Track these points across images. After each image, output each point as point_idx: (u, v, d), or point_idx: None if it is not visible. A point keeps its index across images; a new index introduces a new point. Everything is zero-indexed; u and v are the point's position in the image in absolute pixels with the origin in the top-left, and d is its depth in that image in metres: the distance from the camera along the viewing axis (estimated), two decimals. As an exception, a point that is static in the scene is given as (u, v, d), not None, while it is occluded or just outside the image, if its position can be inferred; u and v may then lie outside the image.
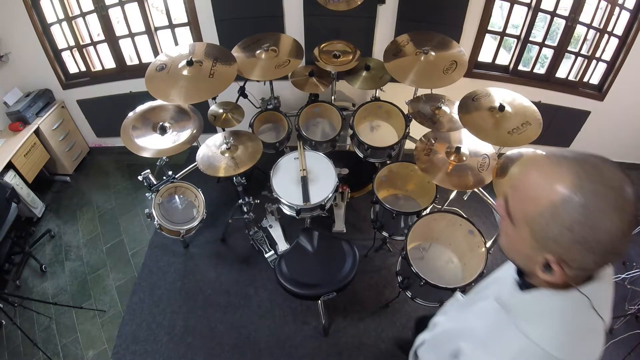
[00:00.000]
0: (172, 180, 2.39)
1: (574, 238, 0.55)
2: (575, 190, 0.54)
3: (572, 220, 0.54)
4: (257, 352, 2.16)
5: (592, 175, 0.55)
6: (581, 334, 0.64)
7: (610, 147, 3.33)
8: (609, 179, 0.54)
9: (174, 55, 2.23)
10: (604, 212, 0.53)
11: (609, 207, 0.53)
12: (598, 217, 0.53)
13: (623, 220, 0.53)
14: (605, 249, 0.54)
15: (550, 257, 0.59)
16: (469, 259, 1.98)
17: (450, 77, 2.17)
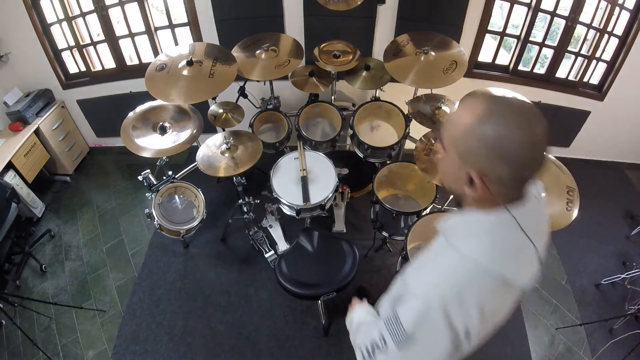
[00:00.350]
0: (172, 180, 2.39)
1: (488, 149, 0.64)
2: (489, 111, 0.64)
3: (487, 135, 0.64)
4: (257, 352, 2.16)
5: (503, 101, 0.66)
6: (511, 252, 0.70)
7: (610, 147, 3.33)
8: (517, 104, 0.65)
9: (174, 55, 2.23)
10: (512, 126, 0.62)
11: (515, 123, 0.62)
12: (507, 131, 0.62)
13: (530, 133, 0.62)
14: (516, 159, 0.63)
15: (472, 171, 0.67)
16: (469, 259, 1.98)
17: (450, 77, 2.17)
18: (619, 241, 2.78)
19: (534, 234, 0.70)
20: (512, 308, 0.78)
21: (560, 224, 1.69)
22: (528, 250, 0.70)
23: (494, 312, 0.73)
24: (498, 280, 0.70)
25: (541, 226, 0.73)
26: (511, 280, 0.70)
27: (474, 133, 0.65)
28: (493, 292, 0.71)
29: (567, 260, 2.64)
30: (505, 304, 0.76)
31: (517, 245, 0.70)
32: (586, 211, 1.85)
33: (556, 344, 2.21)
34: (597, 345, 2.18)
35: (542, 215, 0.73)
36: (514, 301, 0.77)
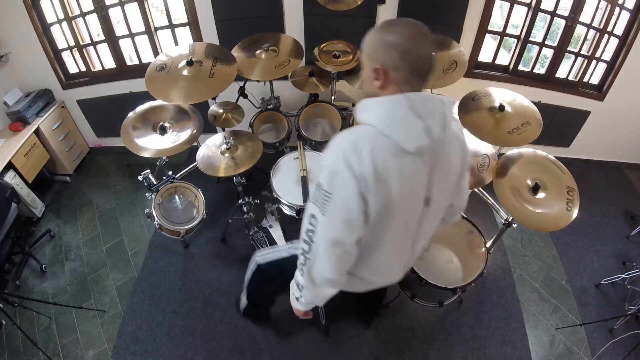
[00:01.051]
0: (172, 180, 2.39)
1: (385, 46, 0.89)
2: (385, 24, 0.93)
3: (383, 37, 0.90)
4: (257, 352, 2.16)
5: (395, 19, 1.00)
6: (400, 122, 0.89)
7: (610, 147, 3.33)
8: (405, 20, 0.92)
9: (174, 55, 2.23)
10: (400, 28, 0.90)
11: (403, 26, 0.90)
12: (397, 31, 0.89)
13: (414, 31, 0.89)
14: (404, 48, 0.87)
15: (377, 65, 0.91)
16: (469, 259, 1.98)
17: (450, 77, 2.17)
18: (619, 241, 2.78)
19: (425, 114, 0.88)
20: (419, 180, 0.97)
21: (560, 224, 1.69)
22: (416, 125, 0.88)
23: (388, 169, 0.89)
24: (391, 143, 0.88)
25: (434, 110, 0.90)
26: (400, 143, 0.88)
27: (375, 38, 0.91)
28: (387, 151, 0.88)
29: (567, 260, 2.64)
30: (403, 167, 0.91)
31: (406, 118, 0.88)
32: (586, 211, 1.85)
33: (556, 344, 2.21)
34: (597, 345, 2.18)
35: (436, 104, 0.91)
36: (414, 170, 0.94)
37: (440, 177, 1.00)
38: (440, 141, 0.92)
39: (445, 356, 2.13)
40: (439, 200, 1.06)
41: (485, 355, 2.14)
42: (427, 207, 1.03)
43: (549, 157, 1.88)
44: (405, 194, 0.94)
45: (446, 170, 1.01)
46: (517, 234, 2.78)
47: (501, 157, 1.96)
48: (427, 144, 0.89)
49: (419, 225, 1.07)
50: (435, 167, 0.97)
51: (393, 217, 0.97)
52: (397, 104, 0.89)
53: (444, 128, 0.91)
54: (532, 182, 1.77)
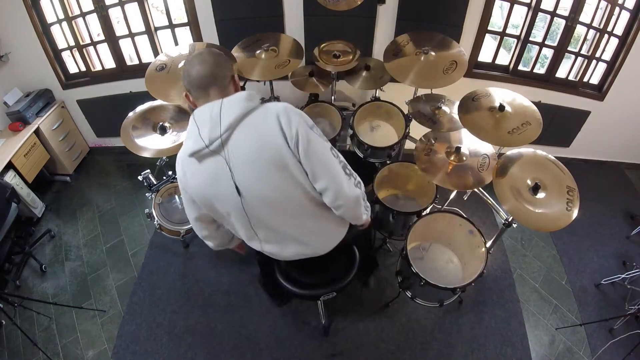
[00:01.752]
0: (172, 180, 2.39)
1: (184, 77, 1.13)
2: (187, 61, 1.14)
3: (184, 71, 1.13)
4: (257, 352, 2.16)
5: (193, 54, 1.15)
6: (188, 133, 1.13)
7: (610, 147, 3.33)
8: (196, 53, 1.14)
9: (174, 55, 2.23)
10: (187, 65, 1.12)
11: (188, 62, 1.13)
12: (186, 68, 1.12)
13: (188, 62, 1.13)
14: (186, 74, 1.12)
15: (184, 91, 1.16)
16: (469, 259, 1.98)
17: (450, 77, 2.17)
18: (619, 241, 2.78)
19: (201, 120, 1.09)
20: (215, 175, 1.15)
21: (560, 224, 1.69)
22: (194, 132, 1.10)
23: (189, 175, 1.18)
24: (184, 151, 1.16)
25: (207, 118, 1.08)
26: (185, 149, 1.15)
27: (184, 71, 1.14)
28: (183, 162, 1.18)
29: (567, 260, 2.64)
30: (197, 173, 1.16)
31: (190, 129, 1.12)
32: (586, 211, 1.85)
33: (556, 344, 2.22)
34: (597, 345, 2.18)
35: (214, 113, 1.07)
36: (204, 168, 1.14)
37: (241, 169, 1.11)
38: (217, 139, 1.07)
39: (445, 356, 2.13)
40: (252, 188, 1.15)
41: (485, 355, 2.14)
42: (240, 196, 1.16)
43: (549, 157, 1.88)
44: (208, 186, 1.16)
45: (244, 161, 1.10)
46: (517, 234, 2.78)
47: (501, 157, 1.95)
48: (199, 148, 1.09)
49: (247, 212, 1.22)
50: (230, 161, 1.10)
51: (214, 204, 1.21)
52: (190, 121, 1.13)
53: (219, 125, 1.06)
54: (532, 182, 1.77)
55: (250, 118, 1.08)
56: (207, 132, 1.07)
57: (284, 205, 1.21)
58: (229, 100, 1.07)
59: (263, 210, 1.21)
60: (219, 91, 1.11)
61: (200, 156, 1.11)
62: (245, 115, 1.08)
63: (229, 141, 1.08)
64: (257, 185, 1.14)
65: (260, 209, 1.20)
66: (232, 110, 1.06)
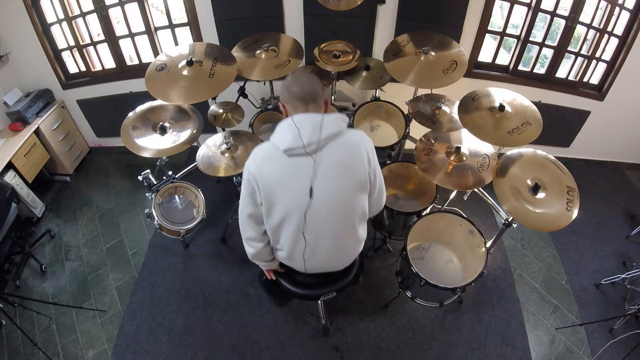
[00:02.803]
0: (172, 180, 2.39)
1: (281, 89, 1.33)
2: (288, 77, 1.34)
3: (280, 88, 1.34)
4: (257, 352, 2.16)
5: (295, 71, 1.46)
6: (282, 132, 1.27)
7: (610, 147, 3.33)
8: (299, 72, 1.38)
9: (174, 55, 2.23)
10: (290, 79, 1.31)
11: (293, 78, 1.32)
12: (284, 82, 1.32)
13: (293, 77, 1.32)
14: (288, 88, 1.29)
15: (281, 104, 1.34)
16: (469, 259, 1.98)
17: (450, 77, 2.17)
18: (619, 241, 2.78)
19: (302, 124, 1.23)
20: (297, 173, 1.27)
21: (560, 224, 1.69)
22: (292, 131, 1.23)
23: (269, 166, 1.28)
24: (272, 146, 1.27)
25: (309, 124, 1.23)
26: (275, 143, 1.27)
27: (282, 85, 1.32)
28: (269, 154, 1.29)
29: (567, 260, 2.64)
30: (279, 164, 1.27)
31: (290, 130, 1.23)
32: (586, 211, 1.85)
33: (556, 344, 2.22)
34: (597, 345, 2.19)
35: (315, 122, 1.23)
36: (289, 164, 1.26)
37: (326, 175, 1.26)
38: (315, 143, 1.22)
39: (445, 356, 2.13)
40: (326, 195, 1.29)
41: (485, 355, 2.14)
42: (311, 198, 1.28)
43: (549, 157, 1.88)
44: (283, 181, 1.28)
45: (334, 167, 1.27)
46: (517, 234, 2.78)
47: (501, 157, 1.95)
48: (297, 146, 1.22)
49: (306, 216, 1.32)
50: (319, 165, 1.25)
51: (277, 201, 1.31)
52: (288, 124, 1.25)
53: (319, 133, 1.22)
54: (532, 182, 1.77)
55: (345, 138, 1.28)
56: (307, 135, 1.21)
57: (340, 214, 1.38)
58: (329, 117, 1.25)
59: (322, 215, 1.34)
60: (316, 108, 1.30)
61: (292, 153, 1.24)
62: (340, 134, 1.27)
63: (324, 149, 1.25)
64: (332, 192, 1.30)
65: (321, 214, 1.33)
66: (331, 126, 1.24)
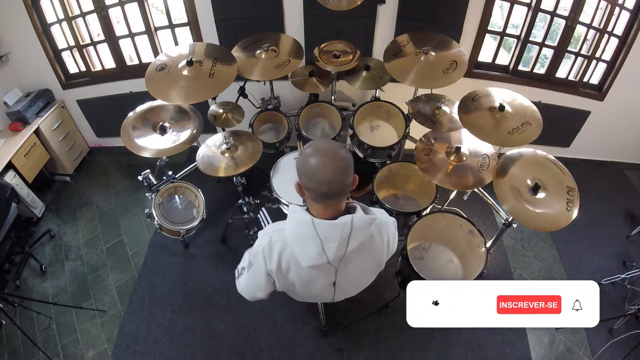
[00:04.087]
0: (172, 180, 2.39)
1: (301, 169, 1.07)
2: (304, 152, 1.08)
3: (300, 162, 1.07)
4: (257, 352, 2.16)
5: (314, 145, 1.08)
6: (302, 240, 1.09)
7: (610, 147, 3.33)
8: (321, 148, 1.05)
9: (174, 55, 2.23)
10: (311, 161, 1.03)
11: (313, 159, 1.03)
12: (307, 160, 1.04)
13: (320, 163, 1.02)
14: (311, 177, 1.04)
15: (298, 182, 1.10)
16: (469, 259, 1.98)
17: (450, 77, 2.17)
18: (619, 241, 2.78)
19: (327, 237, 1.06)
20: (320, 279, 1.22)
21: (560, 224, 1.69)
22: (315, 244, 1.06)
23: (288, 270, 1.18)
24: (290, 253, 1.13)
25: (336, 237, 1.06)
26: (294, 253, 1.11)
27: (298, 162, 1.08)
28: (289, 259, 1.15)
29: (567, 260, 2.64)
30: (300, 273, 1.18)
31: (308, 239, 1.07)
32: (586, 211, 1.85)
33: (556, 344, 2.21)
34: (597, 345, 2.18)
35: (344, 233, 1.06)
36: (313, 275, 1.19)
37: (348, 277, 1.24)
38: (340, 257, 1.11)
39: (445, 356, 2.13)
40: (350, 282, 1.31)
41: (485, 355, 2.14)
42: (335, 286, 1.27)
43: (549, 157, 1.88)
44: (304, 284, 1.23)
45: (354, 274, 1.25)
46: (517, 234, 2.77)
47: (501, 157, 1.95)
48: (321, 263, 1.09)
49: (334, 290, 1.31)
50: (339, 271, 1.19)
51: (297, 293, 1.30)
52: (307, 227, 1.07)
53: (346, 247, 1.08)
54: (532, 182, 1.77)
55: (370, 242, 1.16)
56: (333, 250, 1.07)
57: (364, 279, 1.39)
58: (358, 224, 1.07)
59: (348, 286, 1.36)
60: (341, 201, 1.11)
61: (315, 268, 1.13)
62: (368, 242, 1.13)
63: (345, 258, 1.12)
64: (354, 279, 1.31)
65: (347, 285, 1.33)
66: (359, 237, 1.09)
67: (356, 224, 1.07)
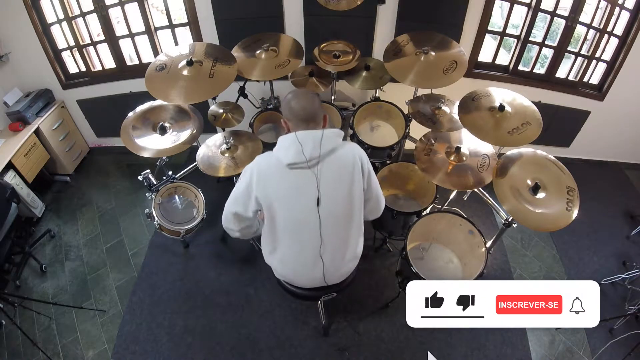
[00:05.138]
0: (172, 180, 2.39)
1: (283, 107, 1.42)
2: (285, 98, 1.43)
3: (283, 102, 1.43)
4: (257, 352, 2.16)
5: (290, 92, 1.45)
6: (285, 147, 1.36)
7: (610, 147, 3.33)
8: (299, 92, 1.47)
9: (174, 55, 2.23)
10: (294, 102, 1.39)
11: (293, 97, 1.41)
12: (287, 98, 1.42)
13: (295, 98, 1.40)
14: (291, 109, 1.39)
15: (283, 120, 1.43)
16: (469, 259, 1.98)
17: (450, 77, 2.17)
18: (619, 241, 2.78)
19: (304, 141, 1.33)
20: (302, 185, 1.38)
21: (560, 224, 1.69)
22: (294, 147, 1.33)
23: (271, 180, 1.39)
24: (275, 159, 1.38)
25: (310, 141, 1.34)
26: (277, 156, 1.37)
27: (283, 104, 1.43)
28: (271, 165, 1.39)
29: (567, 260, 2.64)
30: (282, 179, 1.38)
31: (293, 144, 1.34)
32: (586, 211, 1.85)
33: (556, 344, 2.22)
34: (597, 345, 2.18)
35: (316, 138, 1.35)
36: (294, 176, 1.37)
37: (327, 184, 1.37)
38: (316, 158, 1.34)
39: (445, 356, 2.13)
40: (333, 203, 1.40)
41: (485, 355, 2.14)
42: (318, 206, 1.38)
43: (549, 157, 1.88)
44: (286, 190, 1.38)
45: (333, 178, 1.38)
46: (517, 234, 2.77)
47: (501, 157, 1.95)
48: (300, 161, 1.33)
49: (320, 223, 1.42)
50: (320, 177, 1.36)
51: (279, 209, 1.41)
52: (289, 139, 1.36)
53: (319, 149, 1.33)
54: (532, 182, 1.77)
55: (341, 152, 1.40)
56: (309, 151, 1.32)
57: (344, 215, 1.48)
58: (327, 133, 1.36)
59: (334, 230, 1.46)
60: (316, 125, 1.41)
61: (294, 168, 1.35)
62: (338, 148, 1.39)
63: (323, 162, 1.36)
64: (334, 197, 1.41)
65: (329, 218, 1.43)
66: (330, 141, 1.36)
67: (326, 133, 1.36)
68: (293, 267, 1.58)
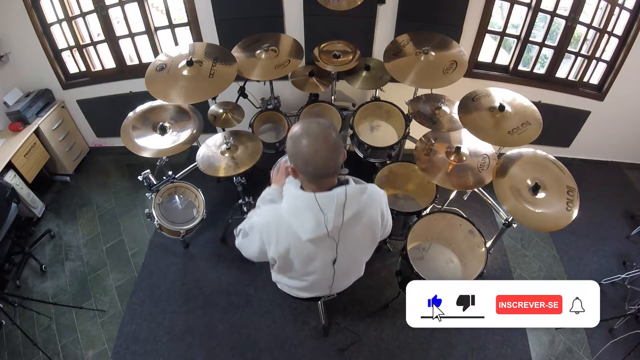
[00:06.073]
0: (172, 180, 2.39)
1: (295, 155, 1.10)
2: (295, 133, 1.09)
3: (293, 147, 1.09)
4: (257, 352, 2.16)
5: (304, 126, 1.09)
6: (300, 214, 1.13)
7: (610, 147, 3.33)
8: (313, 130, 1.07)
9: (174, 55, 2.23)
10: (303, 143, 1.06)
11: (308, 141, 1.06)
12: (300, 145, 1.07)
13: (314, 148, 1.06)
14: (306, 162, 1.07)
15: (291, 165, 1.14)
16: (469, 259, 1.98)
17: (450, 77, 2.17)
18: (619, 241, 2.78)
19: (327, 208, 1.10)
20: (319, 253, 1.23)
21: (560, 224, 1.69)
22: (312, 216, 1.11)
23: (288, 252, 1.20)
24: (289, 228, 1.15)
25: (332, 207, 1.10)
26: (293, 228, 1.14)
27: (290, 146, 1.11)
28: (286, 234, 1.16)
29: (567, 260, 2.64)
30: (300, 250, 1.20)
31: (305, 211, 1.12)
32: (586, 211, 1.85)
33: (556, 344, 2.22)
34: (597, 345, 2.18)
35: (339, 202, 1.11)
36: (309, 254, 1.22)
37: (347, 248, 1.24)
38: (338, 227, 1.14)
39: (445, 356, 2.13)
40: (350, 260, 1.33)
41: (485, 355, 2.14)
42: (334, 263, 1.28)
43: (549, 157, 1.88)
44: (304, 258, 1.24)
45: (353, 243, 1.25)
46: (517, 234, 2.78)
47: (501, 157, 1.95)
48: (321, 235, 1.13)
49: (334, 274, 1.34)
50: (339, 243, 1.21)
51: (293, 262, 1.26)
52: (305, 201, 1.12)
53: (342, 217, 1.12)
54: (532, 182, 1.77)
55: (365, 213, 1.20)
56: (331, 220, 1.11)
57: (359, 261, 1.44)
58: (351, 193, 1.12)
59: (343, 268, 1.36)
60: (332, 179, 1.16)
61: (314, 242, 1.16)
62: (361, 210, 1.17)
63: (344, 228, 1.16)
64: (353, 256, 1.33)
65: (343, 268, 1.35)
66: (354, 205, 1.14)
67: (350, 193, 1.12)
68: (301, 288, 1.50)
